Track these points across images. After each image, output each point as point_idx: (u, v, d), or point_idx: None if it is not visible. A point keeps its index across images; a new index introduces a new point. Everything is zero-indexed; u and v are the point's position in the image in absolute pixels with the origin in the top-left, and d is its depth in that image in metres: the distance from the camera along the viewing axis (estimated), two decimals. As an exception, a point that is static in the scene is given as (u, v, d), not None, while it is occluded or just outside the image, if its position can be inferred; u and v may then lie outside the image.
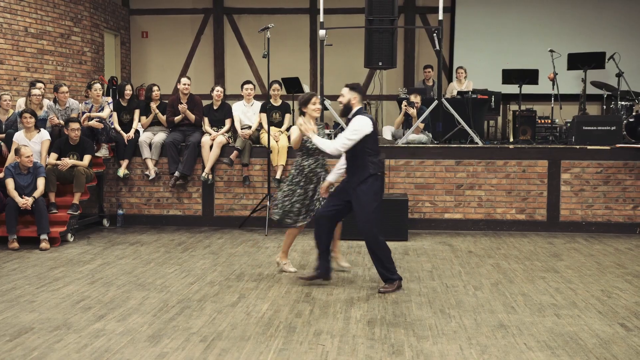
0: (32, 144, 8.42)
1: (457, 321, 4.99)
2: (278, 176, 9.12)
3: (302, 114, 6.23)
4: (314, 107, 6.17)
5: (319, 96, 6.27)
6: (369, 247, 5.91)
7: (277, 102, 9.62)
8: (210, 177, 9.26)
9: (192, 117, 9.38)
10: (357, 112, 5.84)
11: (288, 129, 9.63)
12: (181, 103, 9.37)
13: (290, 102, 10.24)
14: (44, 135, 8.63)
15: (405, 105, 9.90)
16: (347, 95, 5.87)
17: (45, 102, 9.20)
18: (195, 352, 4.31)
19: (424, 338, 4.59)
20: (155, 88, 9.63)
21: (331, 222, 6.05)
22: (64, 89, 9.18)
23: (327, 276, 6.14)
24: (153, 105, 9.47)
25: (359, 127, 5.74)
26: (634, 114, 10.31)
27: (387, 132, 10.39)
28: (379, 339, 4.58)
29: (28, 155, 8.00)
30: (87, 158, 8.66)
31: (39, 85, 9.21)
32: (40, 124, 8.74)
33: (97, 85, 9.46)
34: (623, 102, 10.73)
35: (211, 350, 4.34)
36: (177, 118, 9.36)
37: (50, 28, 11.37)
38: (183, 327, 4.83)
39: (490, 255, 7.50)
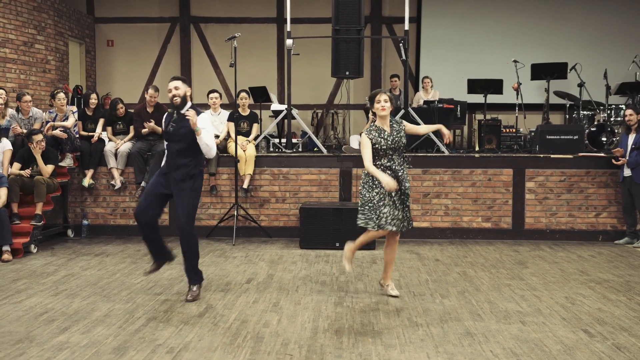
0: (-6, 154, 8.27)
1: (424, 329, 5.02)
2: (245, 185, 9.09)
3: (374, 114, 5.81)
4: (378, 105, 5.73)
5: (387, 93, 5.79)
6: (188, 244, 5.80)
7: (245, 112, 9.60)
8: (177, 187, 9.17)
9: (159, 130, 9.29)
10: (192, 106, 5.87)
11: (256, 139, 9.62)
12: (148, 113, 9.29)
13: (257, 112, 10.23)
14: (6, 144, 8.47)
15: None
16: (182, 88, 5.78)
17: (9, 111, 9.04)
18: (161, 364, 4.26)
19: (391, 347, 4.61)
20: (120, 106, 9.51)
21: (153, 218, 5.87)
22: (27, 97, 9.04)
23: (169, 258, 6.14)
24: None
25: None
26: (595, 123, 10.53)
27: (354, 141, 10.42)
28: (346, 348, 4.58)
29: (-10, 165, 7.86)
30: (49, 168, 8.52)
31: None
32: (2, 133, 8.59)
33: (61, 95, 9.33)
34: (585, 112, 10.96)
35: (178, 362, 4.30)
36: (144, 131, 9.27)
37: (13, 36, 11.19)
38: (149, 339, 4.77)
39: (457, 263, 7.57)
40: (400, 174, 5.76)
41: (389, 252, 6.00)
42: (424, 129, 6.37)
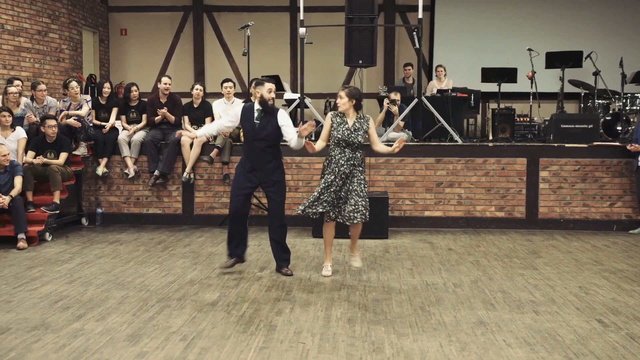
0: (9, 143, 8.31)
1: (437, 318, 5.01)
2: (258, 174, 9.10)
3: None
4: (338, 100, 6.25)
5: (346, 89, 6.33)
6: (284, 239, 6.43)
7: (257, 100, 9.57)
8: (192, 176, 9.21)
9: (172, 118, 9.32)
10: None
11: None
12: (161, 102, 9.32)
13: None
14: (20, 133, 8.52)
15: (388, 103, 9.93)
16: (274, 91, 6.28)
17: (23, 99, 9.08)
18: (175, 352, 4.29)
19: (404, 335, 4.61)
20: (134, 88, 9.56)
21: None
22: (42, 86, 9.08)
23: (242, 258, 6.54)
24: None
25: None
26: (610, 112, 10.45)
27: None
28: (359, 336, 4.59)
29: (4, 154, 7.90)
30: (63, 156, 8.56)
31: (15, 82, 9.09)
32: (17, 122, 8.64)
33: (74, 83, 9.36)
34: (600, 101, 10.87)
35: (191, 349, 4.32)
36: (157, 119, 9.30)
37: (28, 25, 11.24)
38: (163, 326, 4.80)
39: (470, 252, 7.55)
40: (346, 170, 6.05)
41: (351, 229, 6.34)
42: (382, 148, 6.41)
